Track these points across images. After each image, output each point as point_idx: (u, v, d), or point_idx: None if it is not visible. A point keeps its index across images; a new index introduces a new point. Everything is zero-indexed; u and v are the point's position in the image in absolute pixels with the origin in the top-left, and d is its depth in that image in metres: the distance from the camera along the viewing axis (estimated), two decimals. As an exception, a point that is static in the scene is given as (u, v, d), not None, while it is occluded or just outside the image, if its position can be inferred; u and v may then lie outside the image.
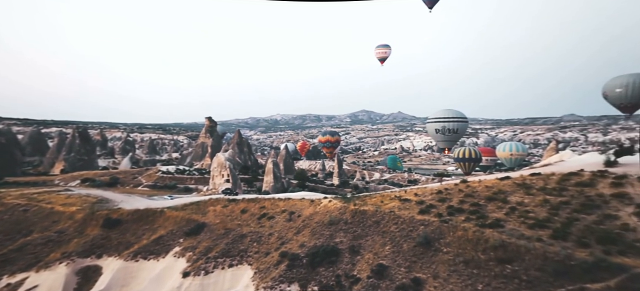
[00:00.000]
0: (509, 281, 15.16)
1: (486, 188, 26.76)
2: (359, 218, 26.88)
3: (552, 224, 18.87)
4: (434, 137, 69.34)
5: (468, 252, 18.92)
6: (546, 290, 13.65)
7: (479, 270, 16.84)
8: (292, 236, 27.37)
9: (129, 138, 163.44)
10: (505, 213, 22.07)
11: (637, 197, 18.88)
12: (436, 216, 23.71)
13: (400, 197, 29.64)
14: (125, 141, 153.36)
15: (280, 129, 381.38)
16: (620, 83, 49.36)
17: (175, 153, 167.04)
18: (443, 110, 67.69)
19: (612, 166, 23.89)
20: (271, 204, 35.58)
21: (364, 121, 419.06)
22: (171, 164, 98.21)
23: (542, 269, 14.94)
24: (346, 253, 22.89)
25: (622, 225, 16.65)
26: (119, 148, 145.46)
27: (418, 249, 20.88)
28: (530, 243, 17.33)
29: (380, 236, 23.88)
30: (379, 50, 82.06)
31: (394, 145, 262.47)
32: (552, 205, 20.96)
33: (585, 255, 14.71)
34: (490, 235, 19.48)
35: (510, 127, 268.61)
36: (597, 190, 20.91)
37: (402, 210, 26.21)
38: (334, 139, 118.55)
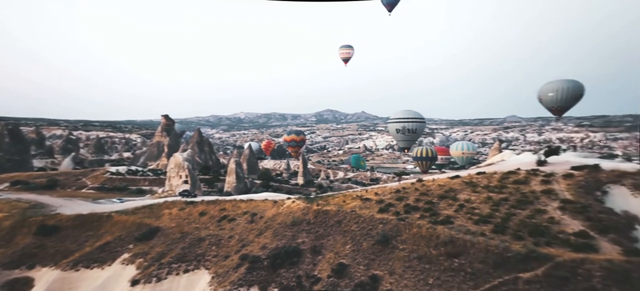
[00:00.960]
0: (456, 274, 16.37)
1: (439, 187, 28.61)
2: (322, 218, 27.16)
3: (493, 219, 20.71)
4: (394, 137, 72.50)
5: (421, 248, 20.07)
6: (486, 280, 14.98)
7: (430, 264, 17.95)
8: (253, 239, 26.87)
9: (71, 136, 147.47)
10: (455, 210, 23.74)
11: (562, 192, 21.51)
12: (394, 214, 24.75)
13: (361, 196, 30.50)
14: (66, 139, 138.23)
15: (244, 128, 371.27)
16: (552, 88, 55.64)
17: (126, 152, 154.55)
18: (403, 111, 71.09)
19: (542, 165, 26.94)
20: (232, 206, 34.59)
21: (329, 120, 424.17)
22: (122, 164, 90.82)
23: (484, 261, 16.36)
24: (308, 254, 23.03)
25: (549, 219, 18.83)
26: (59, 147, 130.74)
27: (377, 247, 21.67)
28: (475, 238, 18.87)
29: (341, 235, 24.37)
30: (342, 51, 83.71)
31: (357, 145, 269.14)
32: (494, 202, 23.02)
33: (519, 246, 16.39)
34: (441, 231, 20.83)
35: (462, 127, 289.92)
36: (530, 187, 23.43)
37: (363, 209, 27.00)
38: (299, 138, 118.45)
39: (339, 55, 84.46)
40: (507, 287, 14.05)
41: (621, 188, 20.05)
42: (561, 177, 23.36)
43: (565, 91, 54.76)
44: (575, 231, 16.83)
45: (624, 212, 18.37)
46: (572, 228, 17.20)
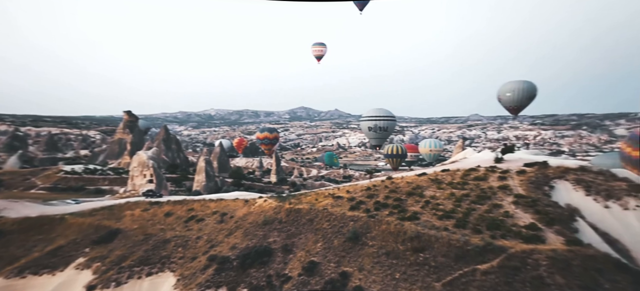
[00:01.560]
0: (420, 268, 17.15)
1: (407, 184, 29.68)
2: (294, 217, 27.15)
3: (456, 215, 21.88)
4: (367, 135, 74.11)
5: (390, 244, 20.75)
6: (448, 273, 15.86)
7: (397, 260, 18.62)
8: (223, 239, 26.24)
9: (18, 132, 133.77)
10: (421, 207, 24.74)
11: (515, 188, 23.26)
12: (365, 212, 25.32)
13: (333, 194, 30.87)
14: (12, 136, 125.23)
15: (214, 125, 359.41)
16: (509, 88, 59.84)
17: (84, 150, 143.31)
18: (375, 109, 72.89)
19: (499, 162, 28.94)
20: (201, 206, 33.48)
21: (303, 118, 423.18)
22: (79, 163, 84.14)
23: (447, 255, 17.29)
24: (279, 253, 22.94)
25: (504, 213, 20.28)
26: (3, 144, 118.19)
27: (347, 244, 22.07)
28: (439, 233, 19.86)
29: (313, 233, 24.52)
30: (315, 48, 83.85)
31: (331, 142, 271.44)
32: (456, 198, 24.31)
33: (478, 240, 17.51)
34: (408, 227, 21.65)
35: (429, 125, 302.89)
36: (489, 183, 25.07)
37: (334, 207, 27.34)
38: (273, 136, 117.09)
39: (312, 53, 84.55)
40: (466, 278, 14.95)
41: (565, 183, 22.10)
42: (515, 173, 25.25)
43: (521, 91, 59.16)
44: (526, 224, 18.29)
45: (567, 204, 20.27)
46: (523, 221, 18.68)
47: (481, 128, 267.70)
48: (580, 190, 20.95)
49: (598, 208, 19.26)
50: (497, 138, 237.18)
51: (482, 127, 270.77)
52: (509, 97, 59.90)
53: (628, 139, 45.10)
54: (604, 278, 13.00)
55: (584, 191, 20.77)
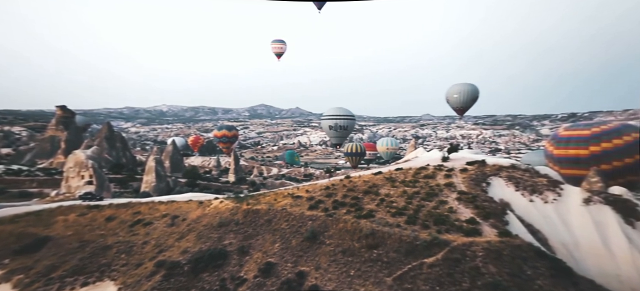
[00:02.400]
0: (374, 264, 17.89)
1: (364, 183, 30.71)
2: (251, 217, 26.58)
3: (407, 211, 23.17)
4: (328, 133, 75.18)
5: (346, 242, 21.30)
6: (398, 268, 16.78)
7: (353, 257, 19.20)
8: (173, 243, 24.74)
9: None
10: (377, 204, 25.77)
11: (459, 185, 25.39)
12: (323, 211, 25.63)
13: (293, 194, 30.78)
14: None
15: (167, 122, 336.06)
16: (456, 90, 65.07)
17: (6, 148, 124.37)
18: (335, 108, 74.22)
19: (446, 161, 31.36)
20: (149, 208, 31.17)
21: (263, 116, 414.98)
22: None
23: (398, 250, 18.26)
24: (235, 255, 22.30)
25: (448, 208, 22.01)
26: None
27: (305, 243, 22.16)
28: (392, 229, 20.86)
29: (271, 234, 24.21)
30: (274, 45, 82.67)
31: (292, 140, 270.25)
32: (408, 195, 25.77)
33: (426, 235, 18.76)
34: (364, 224, 22.39)
35: (386, 124, 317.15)
36: (436, 181, 27.01)
37: (293, 207, 27.26)
38: (231, 134, 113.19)
39: (272, 50, 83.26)
40: (414, 272, 15.95)
41: (499, 179, 24.69)
42: (459, 171, 27.54)
43: (466, 93, 64.68)
44: (466, 218, 20.05)
45: (500, 199, 22.68)
46: (464, 216, 20.46)
47: (432, 127, 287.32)
48: (511, 185, 23.58)
49: (524, 202, 21.86)
50: (445, 137, 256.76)
51: (433, 126, 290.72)
52: (456, 99, 65.09)
53: (551, 139, 51.92)
54: (527, 265, 14.84)
55: (514, 187, 23.43)
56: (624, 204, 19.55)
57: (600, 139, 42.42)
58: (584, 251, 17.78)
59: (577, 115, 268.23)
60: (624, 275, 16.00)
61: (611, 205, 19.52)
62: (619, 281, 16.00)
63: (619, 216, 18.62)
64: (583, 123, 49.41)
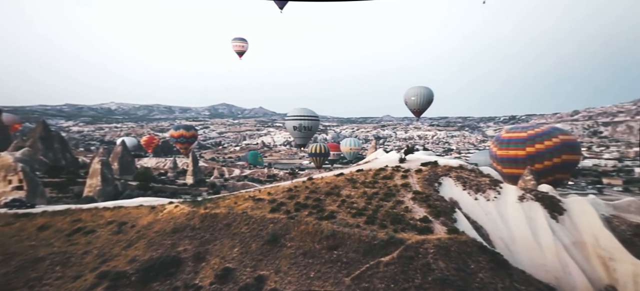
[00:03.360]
0: (334, 265, 18.15)
1: (326, 184, 31.05)
2: (209, 222, 25.47)
3: (366, 212, 23.89)
4: (292, 134, 74.78)
5: (307, 244, 21.32)
6: (357, 267, 17.23)
7: (313, 259, 19.29)
8: (119, 252, 22.82)
9: None
10: (338, 205, 26.22)
11: (414, 185, 26.82)
12: (285, 213, 25.38)
13: (254, 197, 30.14)
14: None
15: (116, 120, 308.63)
16: (413, 93, 68.70)
17: None
18: (300, 109, 74.11)
19: (403, 162, 32.95)
20: (92, 215, 28.40)
21: (225, 115, 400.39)
22: None
23: (357, 250, 18.74)
24: (189, 262, 21.20)
25: (405, 208, 23.12)
26: None
27: (265, 247, 21.76)
28: (352, 230, 21.35)
29: (230, 239, 23.43)
30: (235, 43, 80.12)
31: (255, 141, 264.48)
32: (368, 196, 26.60)
33: (383, 234, 19.50)
34: (325, 226, 22.60)
35: (349, 124, 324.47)
36: (394, 181, 28.24)
37: (254, 210, 26.64)
38: (190, 134, 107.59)
39: (232, 48, 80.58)
40: (371, 271, 16.49)
41: (449, 179, 26.56)
42: (414, 172, 29.09)
43: (423, 96, 68.60)
44: (420, 217, 21.24)
45: (450, 198, 24.40)
46: (418, 215, 21.65)
47: (392, 128, 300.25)
48: (459, 185, 25.50)
49: (470, 200, 23.77)
50: (404, 137, 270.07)
51: (393, 127, 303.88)
52: (413, 101, 68.70)
53: (494, 140, 57.13)
54: (471, 259, 16.17)
55: (462, 186, 25.36)
56: (550, 200, 22.21)
57: (534, 141, 47.79)
58: (518, 245, 19.88)
59: (516, 117, 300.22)
60: (549, 265, 18.21)
61: (540, 201, 22.07)
62: (545, 270, 18.17)
63: (546, 211, 21.12)
64: (521, 126, 55.11)
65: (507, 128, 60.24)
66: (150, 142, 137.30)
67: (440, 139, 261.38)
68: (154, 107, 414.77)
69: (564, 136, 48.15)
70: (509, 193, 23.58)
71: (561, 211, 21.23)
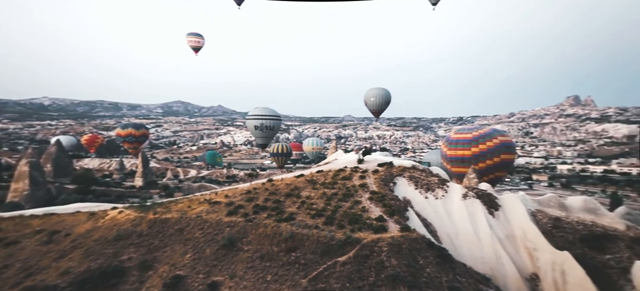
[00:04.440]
0: (291, 267, 18.05)
1: (286, 186, 30.79)
2: (159, 227, 23.89)
3: (325, 212, 24.10)
4: (253, 133, 72.93)
5: (265, 247, 20.93)
6: (314, 268, 17.32)
7: (271, 262, 18.99)
8: (49, 264, 20.42)
9: None
10: (298, 207, 26.12)
11: (371, 185, 27.76)
12: (243, 216, 24.67)
13: (210, 200, 28.94)
14: None
15: (49, 117, 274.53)
16: (372, 94, 71.11)
17: None
18: (261, 108, 72.52)
19: (361, 163, 33.97)
20: (15, 224, 25.06)
21: (180, 113, 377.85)
22: None
23: (315, 251, 18.83)
24: (134, 271, 19.68)
25: (362, 208, 23.81)
26: None
27: (221, 252, 20.96)
28: (311, 231, 21.39)
29: (182, 244, 22.20)
30: (190, 39, 75.88)
31: (214, 140, 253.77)
32: (327, 197, 26.87)
33: (341, 234, 19.85)
34: (284, 228, 22.37)
35: (312, 124, 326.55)
36: (353, 182, 28.97)
37: (210, 214, 25.58)
38: (139, 132, 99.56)
39: (187, 44, 76.27)
40: (328, 271, 16.71)
41: (403, 179, 28.00)
42: (371, 172, 30.14)
43: (381, 97, 71.30)
44: (376, 216, 22.05)
45: (403, 197, 25.70)
46: (374, 214, 22.45)
47: (353, 128, 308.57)
48: (412, 184, 27.01)
49: (421, 199, 25.30)
50: (364, 137, 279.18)
51: (353, 127, 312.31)
52: (372, 102, 71.13)
53: (444, 141, 61.54)
54: (420, 255, 17.20)
55: (414, 185, 26.89)
56: (488, 197, 24.57)
57: (477, 142, 52.44)
58: (461, 239, 21.65)
59: (463, 119, 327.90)
60: (485, 257, 20.16)
61: (480, 198, 24.29)
62: (483, 262, 20.06)
63: (485, 207, 23.33)
64: (467, 128, 60.10)
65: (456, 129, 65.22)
66: (93, 141, 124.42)
67: (397, 139, 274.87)
68: (98, 103, 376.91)
69: (502, 137, 53.41)
70: (454, 192, 25.55)
71: (497, 207, 23.60)
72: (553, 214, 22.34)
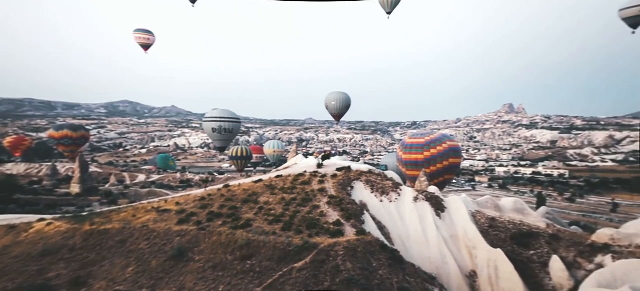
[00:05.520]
0: (246, 276, 17.44)
1: (243, 191, 29.82)
2: (96, 240, 21.68)
3: (284, 218, 23.76)
4: (211, 136, 69.68)
5: (218, 256, 19.98)
6: (270, 276, 16.94)
7: (224, 271, 18.17)
8: (-51, 289, 17.33)
9: None
10: (255, 213, 25.42)
11: (329, 190, 28.09)
12: (195, 224, 23.43)
13: (159, 208, 26.99)
14: None
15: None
16: (333, 98, 72.24)
17: None
18: (219, 110, 69.48)
19: (320, 167, 34.23)
20: None
21: (127, 113, 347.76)
22: None
23: (271, 258, 18.43)
24: (63, 289, 17.57)
25: (320, 212, 23.92)
26: None
27: (169, 263, 19.59)
28: (268, 238, 20.92)
29: (123, 257, 20.36)
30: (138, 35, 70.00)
31: (167, 142, 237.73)
32: (286, 202, 26.55)
33: (298, 240, 19.70)
34: (240, 235, 21.60)
35: (273, 127, 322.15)
36: (312, 187, 29.02)
37: (158, 223, 23.86)
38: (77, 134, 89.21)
39: (135, 40, 70.36)
40: (284, 278, 16.45)
41: (360, 183, 28.80)
42: (330, 177, 30.52)
43: (342, 101, 72.73)
44: (333, 220, 22.30)
45: (360, 201, 26.41)
46: (332, 219, 22.70)
47: (314, 131, 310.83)
48: (368, 188, 27.89)
49: (377, 203, 26.22)
50: (326, 140, 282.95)
51: (315, 130, 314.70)
52: (333, 105, 72.27)
53: (400, 145, 64.81)
54: (374, 258, 17.78)
55: (370, 189, 27.79)
56: (436, 200, 26.36)
57: (429, 146, 56.05)
58: (412, 240, 22.89)
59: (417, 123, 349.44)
60: (432, 257, 21.57)
61: (429, 201, 25.95)
62: (430, 262, 21.44)
63: (433, 209, 24.97)
64: (420, 133, 63.98)
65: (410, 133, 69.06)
66: (19, 143, 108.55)
67: (357, 142, 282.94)
68: (25, 101, 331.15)
69: (450, 142, 57.72)
70: (407, 195, 26.93)
71: (443, 209, 25.39)
72: (490, 214, 24.66)
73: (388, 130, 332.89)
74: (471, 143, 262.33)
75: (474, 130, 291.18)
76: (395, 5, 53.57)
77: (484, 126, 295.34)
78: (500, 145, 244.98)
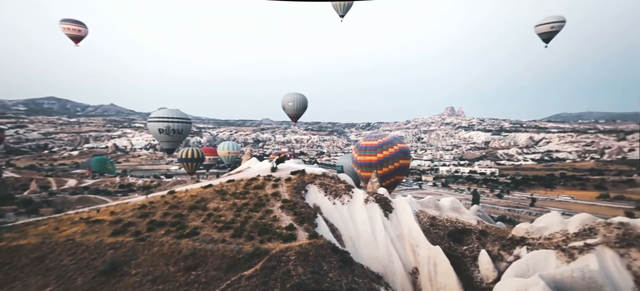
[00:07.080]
0: (190, 288, 16.38)
1: (191, 198, 27.99)
2: (5, 258, 18.90)
3: (234, 224, 22.82)
4: (157, 137, 64.36)
5: (159, 268, 18.46)
6: (217, 286, 16.12)
7: (165, 284, 16.85)
8: None
9: None
10: (203, 220, 24.00)
11: (283, 194, 27.74)
12: (133, 235, 21.42)
13: (88, 218, 24.09)
14: None
15: None
16: (290, 99, 71.86)
17: None
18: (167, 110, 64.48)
19: (274, 171, 33.67)
20: None
21: (54, 112, 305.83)
22: None
23: (219, 268, 17.56)
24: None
25: (273, 217, 23.46)
26: None
27: (98, 280, 17.65)
28: (216, 246, 19.87)
29: (41, 276, 17.96)
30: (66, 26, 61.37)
31: (105, 144, 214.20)
32: (237, 208, 25.54)
33: (249, 247, 19.04)
34: (185, 245, 20.21)
35: (227, 127, 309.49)
36: (265, 191, 28.36)
37: (87, 235, 21.34)
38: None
39: (63, 31, 61.70)
40: (232, 287, 15.79)
41: (314, 187, 28.95)
42: (284, 181, 30.16)
43: (298, 102, 72.67)
44: (286, 225, 22.04)
45: (314, 204, 26.53)
46: (285, 223, 22.42)
47: (271, 131, 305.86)
48: (322, 191, 28.16)
49: (330, 205, 26.60)
50: (283, 141, 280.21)
51: (272, 130, 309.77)
52: (290, 106, 71.86)
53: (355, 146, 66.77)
54: (325, 261, 17.96)
55: (324, 192, 28.09)
56: (384, 201, 27.67)
57: (382, 148, 58.64)
58: (362, 241, 23.69)
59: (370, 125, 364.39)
60: (380, 256, 22.62)
61: (378, 202, 27.13)
62: (378, 261, 22.45)
63: (382, 210, 26.15)
64: (374, 135, 66.58)
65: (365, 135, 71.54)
66: None
67: (314, 143, 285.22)
68: None
69: (400, 144, 61.08)
70: (358, 197, 27.79)
71: (391, 209, 26.77)
72: (431, 213, 26.64)
73: (344, 131, 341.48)
74: (419, 143, 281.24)
75: (421, 131, 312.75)
76: (348, 9, 55.22)
77: (430, 128, 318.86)
78: (443, 145, 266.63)
